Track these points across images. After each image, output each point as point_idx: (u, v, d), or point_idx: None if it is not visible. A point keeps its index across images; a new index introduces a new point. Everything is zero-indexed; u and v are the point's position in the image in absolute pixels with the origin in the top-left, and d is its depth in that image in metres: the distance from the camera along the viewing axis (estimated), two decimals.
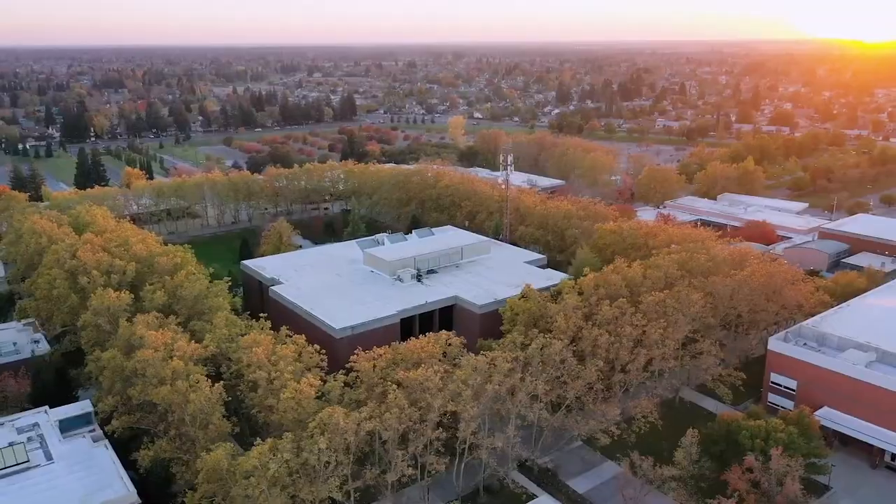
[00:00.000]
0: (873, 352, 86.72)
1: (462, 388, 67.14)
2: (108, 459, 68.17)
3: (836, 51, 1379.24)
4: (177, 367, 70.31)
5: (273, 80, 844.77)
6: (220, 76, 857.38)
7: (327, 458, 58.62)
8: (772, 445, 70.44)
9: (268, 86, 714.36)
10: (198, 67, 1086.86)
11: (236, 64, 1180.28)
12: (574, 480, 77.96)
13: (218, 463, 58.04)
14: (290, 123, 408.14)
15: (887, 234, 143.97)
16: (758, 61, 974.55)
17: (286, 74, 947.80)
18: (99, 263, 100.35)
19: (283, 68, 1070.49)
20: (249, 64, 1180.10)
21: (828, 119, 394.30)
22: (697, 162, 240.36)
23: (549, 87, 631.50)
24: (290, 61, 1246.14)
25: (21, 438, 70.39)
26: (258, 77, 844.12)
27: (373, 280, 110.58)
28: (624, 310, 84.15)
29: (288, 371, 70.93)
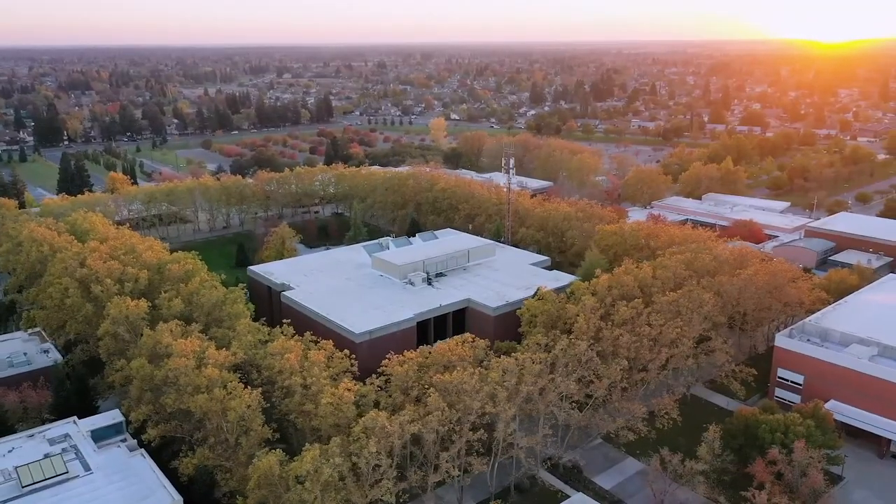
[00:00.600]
0: (875, 346, 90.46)
1: (499, 390, 68.75)
2: (147, 468, 68.27)
3: (795, 51, 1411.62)
4: (212, 375, 70.68)
5: (243, 81, 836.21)
6: (188, 77, 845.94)
7: (376, 461, 59.73)
8: (791, 439, 73.51)
9: (238, 87, 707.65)
10: (164, 68, 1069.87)
11: (202, 65, 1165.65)
12: (599, 477, 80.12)
13: (270, 469, 58.75)
14: (267, 126, 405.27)
15: (871, 231, 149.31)
16: (723, 62, 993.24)
17: (255, 75, 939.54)
18: (110, 272, 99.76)
19: (252, 69, 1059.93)
20: (216, 65, 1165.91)
21: (796, 119, 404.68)
22: (678, 162, 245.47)
23: (521, 88, 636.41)
24: (257, 62, 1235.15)
25: (55, 450, 70.09)
26: (227, 78, 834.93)
27: (383, 284, 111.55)
28: (640, 310, 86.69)
29: (323, 376, 71.86)
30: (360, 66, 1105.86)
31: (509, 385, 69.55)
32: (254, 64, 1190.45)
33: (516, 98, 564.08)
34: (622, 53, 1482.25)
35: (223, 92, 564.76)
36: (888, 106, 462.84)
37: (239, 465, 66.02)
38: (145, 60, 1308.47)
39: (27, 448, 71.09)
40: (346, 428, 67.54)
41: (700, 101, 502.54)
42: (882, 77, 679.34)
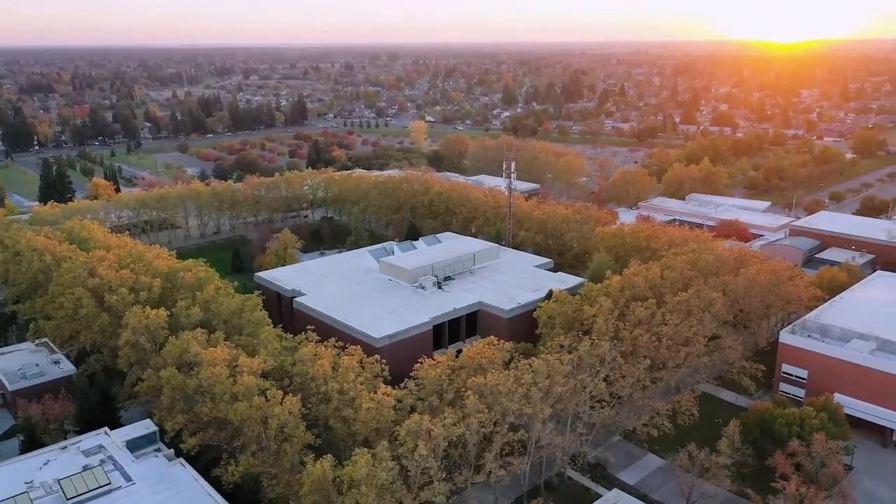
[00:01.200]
0: (874, 341, 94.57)
1: (533, 391, 70.71)
2: (189, 477, 68.64)
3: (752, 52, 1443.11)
4: (249, 383, 71.31)
5: (209, 83, 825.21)
6: (152, 79, 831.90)
7: (427, 463, 61.22)
8: (808, 431, 76.94)
9: (206, 89, 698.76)
10: (126, 70, 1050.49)
11: (166, 66, 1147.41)
12: (622, 473, 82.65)
13: (323, 474, 59.78)
14: (242, 129, 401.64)
15: (852, 230, 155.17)
16: (685, 63, 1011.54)
17: (222, 77, 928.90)
18: (123, 281, 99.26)
19: (217, 71, 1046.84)
20: (180, 66, 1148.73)
21: (763, 120, 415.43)
22: (657, 163, 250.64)
23: (493, 90, 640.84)
24: (222, 63, 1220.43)
25: (93, 461, 69.93)
26: (193, 80, 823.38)
27: (393, 288, 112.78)
28: (654, 311, 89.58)
29: (358, 381, 73.03)
30: (327, 68, 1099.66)
31: (543, 386, 71.56)
32: (218, 65, 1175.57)
33: (488, 99, 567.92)
34: (586, 54, 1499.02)
35: (193, 94, 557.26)
36: (849, 106, 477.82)
37: (284, 471, 66.88)
38: (105, 61, 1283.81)
39: (62, 460, 70.81)
40: (385, 432, 68.95)
41: (669, 102, 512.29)
42: (840, 78, 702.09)
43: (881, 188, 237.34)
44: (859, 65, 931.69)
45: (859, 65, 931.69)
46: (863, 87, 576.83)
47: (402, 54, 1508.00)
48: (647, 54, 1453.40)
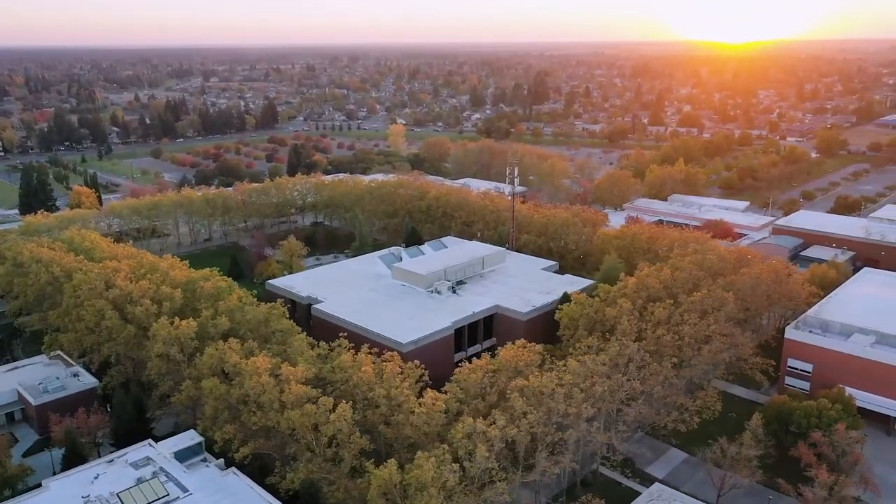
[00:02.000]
0: (874, 334, 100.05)
1: (575, 392, 73.59)
2: (244, 486, 69.63)
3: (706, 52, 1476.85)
4: (298, 391, 72.59)
5: (170, 85, 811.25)
6: (109, 81, 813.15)
7: (488, 464, 63.50)
8: (826, 422, 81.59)
9: (167, 92, 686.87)
10: (79, 72, 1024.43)
11: (120, 68, 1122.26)
12: (650, 468, 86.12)
13: (390, 478, 61.53)
14: (212, 133, 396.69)
15: (832, 228, 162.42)
16: (644, 63, 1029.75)
17: (181, 79, 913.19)
18: (144, 291, 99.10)
19: (175, 73, 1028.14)
20: (135, 67, 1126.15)
21: (727, 120, 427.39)
22: (634, 164, 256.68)
23: (459, 91, 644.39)
24: (179, 65, 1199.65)
25: (145, 473, 70.35)
26: (153, 83, 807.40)
27: (408, 293, 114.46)
28: (672, 311, 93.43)
29: (405, 387, 74.90)
30: (288, 69, 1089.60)
31: (584, 386, 74.50)
32: (175, 67, 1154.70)
33: (456, 101, 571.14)
34: (545, 56, 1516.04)
35: (156, 97, 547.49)
36: (805, 107, 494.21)
37: (342, 477, 68.34)
38: (55, 63, 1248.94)
39: (113, 474, 71.10)
40: (435, 435, 70.97)
41: (634, 103, 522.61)
42: (793, 79, 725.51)
43: (848, 187, 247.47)
44: (809, 66, 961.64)
45: (809, 66, 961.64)
46: (816, 88, 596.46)
47: (361, 55, 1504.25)
48: (605, 55, 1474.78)
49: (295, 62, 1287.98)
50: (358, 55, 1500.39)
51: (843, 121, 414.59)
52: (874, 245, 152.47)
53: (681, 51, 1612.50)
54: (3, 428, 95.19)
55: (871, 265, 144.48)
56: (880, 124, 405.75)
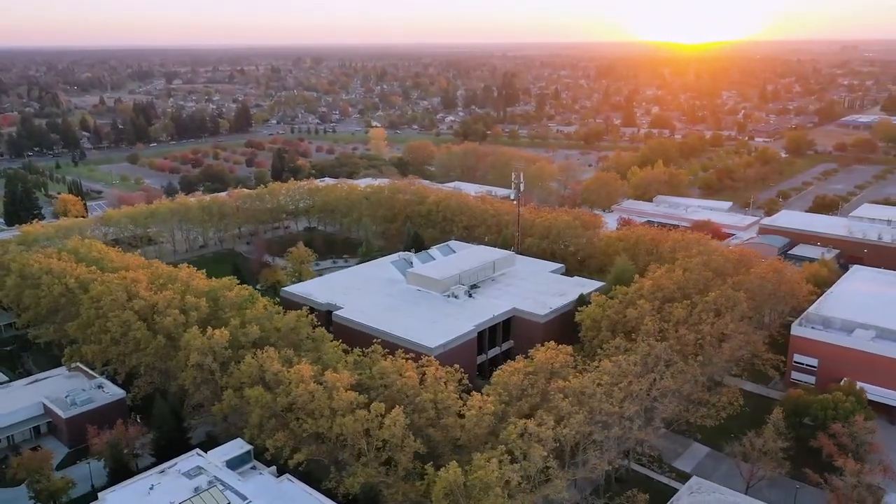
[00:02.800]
0: (873, 329, 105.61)
1: (616, 392, 76.68)
2: (301, 492, 71.09)
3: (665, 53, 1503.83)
4: (348, 398, 74.25)
5: (132, 87, 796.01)
6: (69, 84, 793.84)
7: (546, 463, 66.13)
8: (842, 414, 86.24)
9: (129, 95, 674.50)
10: (35, 74, 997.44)
11: (78, 70, 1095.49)
12: (677, 462, 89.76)
13: (455, 479, 63.69)
14: (186, 137, 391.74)
15: (816, 227, 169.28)
16: (607, 64, 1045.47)
17: (143, 81, 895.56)
18: (170, 302, 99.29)
19: (136, 74, 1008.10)
20: (93, 69, 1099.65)
21: (696, 122, 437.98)
22: (614, 166, 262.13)
23: (429, 93, 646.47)
24: (138, 66, 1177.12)
25: (200, 483, 71.21)
26: (115, 85, 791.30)
27: (425, 298, 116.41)
28: (690, 311, 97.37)
29: (450, 391, 77.12)
30: (252, 71, 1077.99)
31: (623, 385, 77.67)
32: (135, 69, 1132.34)
33: (428, 103, 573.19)
34: (507, 56, 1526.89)
35: (123, 101, 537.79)
36: (768, 107, 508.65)
37: (398, 480, 70.23)
38: (10, 65, 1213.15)
39: (167, 484, 71.89)
40: (485, 437, 73.31)
41: (604, 104, 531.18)
42: (752, 79, 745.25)
43: (820, 186, 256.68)
44: (765, 66, 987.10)
45: (765, 66, 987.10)
46: (777, 89, 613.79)
47: (325, 57, 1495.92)
48: (567, 56, 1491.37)
49: (258, 63, 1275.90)
50: (319, 56, 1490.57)
51: (806, 121, 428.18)
52: (858, 243, 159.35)
53: (640, 52, 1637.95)
54: (30, 441, 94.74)
55: (855, 262, 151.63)
56: (841, 125, 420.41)
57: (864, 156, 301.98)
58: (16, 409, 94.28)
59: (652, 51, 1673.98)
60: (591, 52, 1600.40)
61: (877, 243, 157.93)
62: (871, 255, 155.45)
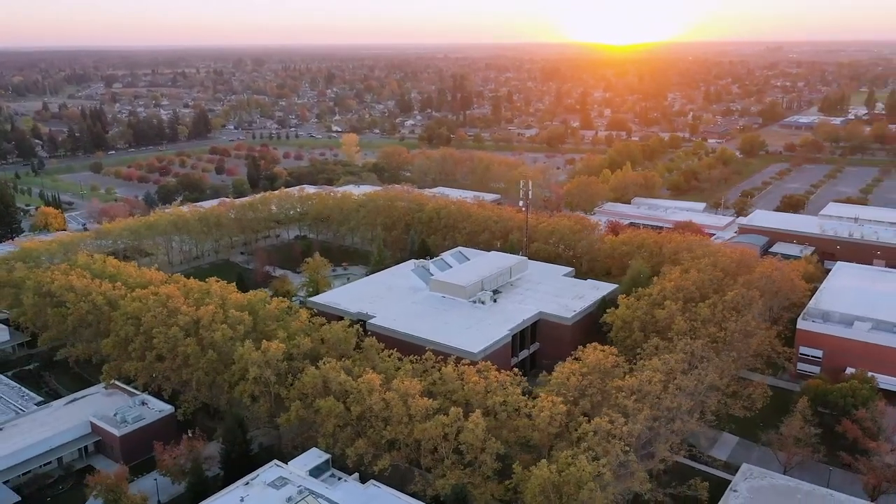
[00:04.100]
0: (870, 321, 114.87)
1: (672, 388, 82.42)
2: (391, 497, 74.16)
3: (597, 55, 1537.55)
4: (425, 405, 77.80)
5: (70, 91, 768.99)
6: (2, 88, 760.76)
7: (629, 457, 71.15)
8: (860, 401, 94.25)
9: (69, 99, 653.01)
10: None
11: (6, 72, 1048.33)
12: (713, 451, 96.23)
13: (548, 477, 67.98)
14: (145, 144, 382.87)
15: (791, 225, 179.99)
16: (552, 66, 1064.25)
17: (80, 85, 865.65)
18: (214, 316, 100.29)
19: (72, 78, 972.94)
20: (24, 72, 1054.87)
21: (649, 123, 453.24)
22: (585, 169, 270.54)
23: (382, 97, 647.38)
24: (71, 69, 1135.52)
25: (290, 493, 73.39)
26: (52, 89, 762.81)
27: (452, 304, 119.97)
28: (713, 310, 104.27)
29: (517, 393, 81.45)
30: (194, 73, 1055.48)
31: (678, 381, 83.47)
32: (69, 71, 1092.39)
33: (384, 107, 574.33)
34: (449, 58, 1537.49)
35: (68, 106, 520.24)
36: (713, 108, 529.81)
37: (484, 480, 74.09)
38: None
39: (256, 496, 73.84)
40: (553, 436, 77.90)
41: (558, 107, 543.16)
42: (692, 81, 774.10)
43: (777, 185, 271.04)
44: (700, 68, 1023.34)
45: (700, 68, 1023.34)
46: (717, 90, 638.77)
47: (263, 58, 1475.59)
48: (507, 57, 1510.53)
49: (198, 66, 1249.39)
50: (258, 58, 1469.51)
51: (752, 122, 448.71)
52: (831, 240, 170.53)
53: (575, 53, 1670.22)
54: (79, 461, 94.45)
55: (828, 258, 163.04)
56: (784, 125, 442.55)
57: (813, 155, 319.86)
58: (64, 429, 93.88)
59: (586, 52, 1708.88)
60: (530, 54, 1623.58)
61: (848, 240, 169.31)
62: (843, 252, 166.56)
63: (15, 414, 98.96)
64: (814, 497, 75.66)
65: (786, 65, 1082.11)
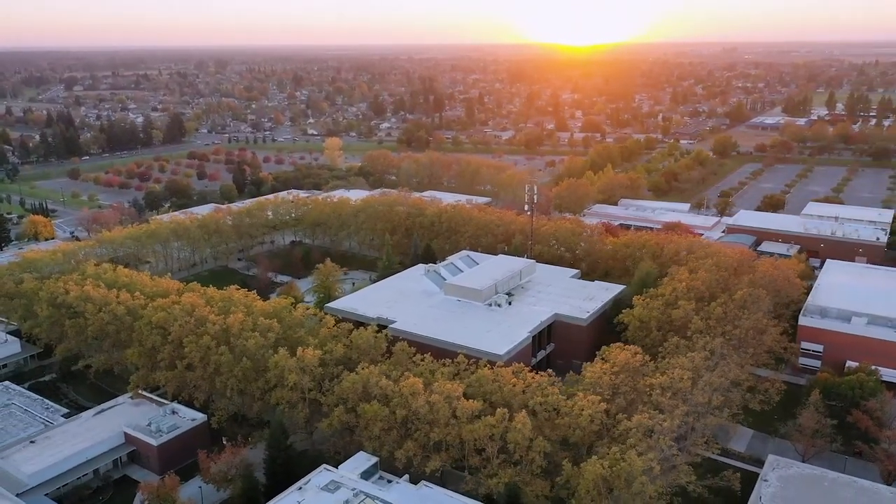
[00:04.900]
0: (866, 316, 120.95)
1: (701, 384, 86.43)
2: (445, 496, 76.55)
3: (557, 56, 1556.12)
4: (471, 406, 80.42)
5: (30, 94, 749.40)
6: None
7: (672, 451, 74.77)
8: (867, 392, 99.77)
9: (30, 102, 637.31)
10: None
11: None
12: (731, 444, 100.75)
13: (600, 473, 71.19)
14: (119, 149, 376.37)
15: (776, 225, 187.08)
16: (518, 68, 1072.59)
17: (40, 88, 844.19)
18: (244, 325, 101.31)
19: (30, 80, 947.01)
20: None
21: (621, 125, 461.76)
22: (567, 171, 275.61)
23: (353, 99, 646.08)
24: (27, 70, 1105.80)
25: (346, 496, 75.22)
26: (12, 92, 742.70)
27: (468, 307, 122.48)
28: (725, 309, 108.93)
29: (556, 393, 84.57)
30: (156, 76, 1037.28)
31: (707, 378, 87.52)
32: (25, 73, 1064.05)
33: (356, 109, 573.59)
34: (413, 59, 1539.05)
35: (33, 110, 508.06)
36: (680, 110, 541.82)
37: (534, 478, 77.01)
38: None
39: (312, 499, 75.56)
40: (594, 433, 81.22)
41: (530, 109, 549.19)
42: (656, 82, 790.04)
43: (753, 186, 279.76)
44: (662, 69, 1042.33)
45: (662, 69, 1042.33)
46: (683, 92, 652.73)
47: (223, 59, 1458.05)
48: (470, 58, 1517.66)
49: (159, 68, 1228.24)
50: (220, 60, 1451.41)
51: (720, 123, 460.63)
52: (815, 238, 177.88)
53: (536, 54, 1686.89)
54: (116, 471, 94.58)
55: (813, 256, 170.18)
56: (750, 126, 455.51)
57: (783, 156, 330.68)
58: (99, 440, 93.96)
59: (547, 53, 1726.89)
60: (493, 55, 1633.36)
61: (830, 238, 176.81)
62: (827, 249, 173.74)
63: (43, 426, 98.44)
64: (839, 484, 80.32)
65: (744, 66, 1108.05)
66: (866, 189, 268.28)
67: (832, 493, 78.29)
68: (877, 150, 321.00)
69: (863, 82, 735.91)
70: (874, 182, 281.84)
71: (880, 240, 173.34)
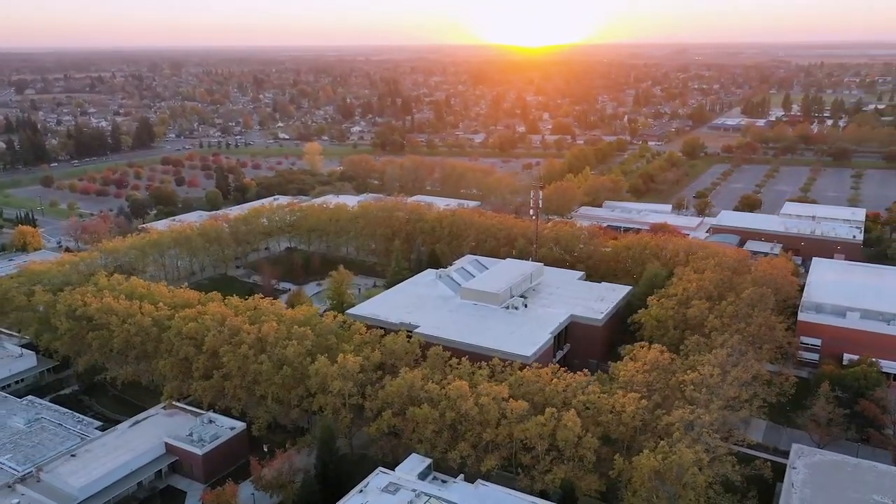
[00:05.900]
0: (859, 311, 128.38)
1: (730, 379, 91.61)
2: (504, 494, 79.69)
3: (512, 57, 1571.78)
4: (520, 407, 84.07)
5: None
6: None
7: (716, 442, 79.53)
8: (871, 383, 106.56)
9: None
10: None
11: None
12: (749, 435, 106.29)
13: (653, 466, 75.47)
14: (87, 155, 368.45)
15: (759, 224, 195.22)
16: (479, 70, 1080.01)
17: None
18: (279, 334, 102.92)
19: None
20: None
21: (590, 127, 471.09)
22: (547, 173, 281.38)
23: (318, 102, 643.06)
24: None
25: (408, 497, 77.91)
26: None
27: (486, 311, 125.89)
28: (737, 307, 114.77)
29: (598, 393, 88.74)
30: (110, 78, 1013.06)
31: (735, 373, 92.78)
32: None
33: (323, 113, 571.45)
34: (370, 60, 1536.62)
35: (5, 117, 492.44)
36: (643, 111, 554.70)
37: (587, 473, 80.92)
38: None
39: (375, 501, 77.91)
40: (635, 429, 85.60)
41: (497, 111, 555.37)
42: (615, 83, 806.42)
43: (725, 186, 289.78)
44: (618, 70, 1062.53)
45: (618, 70, 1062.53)
46: (644, 93, 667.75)
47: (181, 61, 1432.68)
48: (428, 59, 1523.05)
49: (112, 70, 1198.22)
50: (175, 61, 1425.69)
51: (683, 125, 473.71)
52: (796, 238, 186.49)
53: (490, 55, 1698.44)
54: (159, 482, 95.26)
55: (794, 255, 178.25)
56: (713, 127, 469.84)
57: (749, 156, 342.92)
58: (141, 451, 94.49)
59: (502, 54, 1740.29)
60: (450, 56, 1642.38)
61: (811, 237, 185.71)
62: (807, 248, 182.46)
63: (80, 439, 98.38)
64: (861, 468, 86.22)
65: (696, 67, 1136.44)
66: (831, 188, 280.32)
67: (856, 477, 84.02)
68: (836, 150, 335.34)
69: (811, 83, 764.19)
70: (837, 181, 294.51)
71: (856, 238, 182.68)
